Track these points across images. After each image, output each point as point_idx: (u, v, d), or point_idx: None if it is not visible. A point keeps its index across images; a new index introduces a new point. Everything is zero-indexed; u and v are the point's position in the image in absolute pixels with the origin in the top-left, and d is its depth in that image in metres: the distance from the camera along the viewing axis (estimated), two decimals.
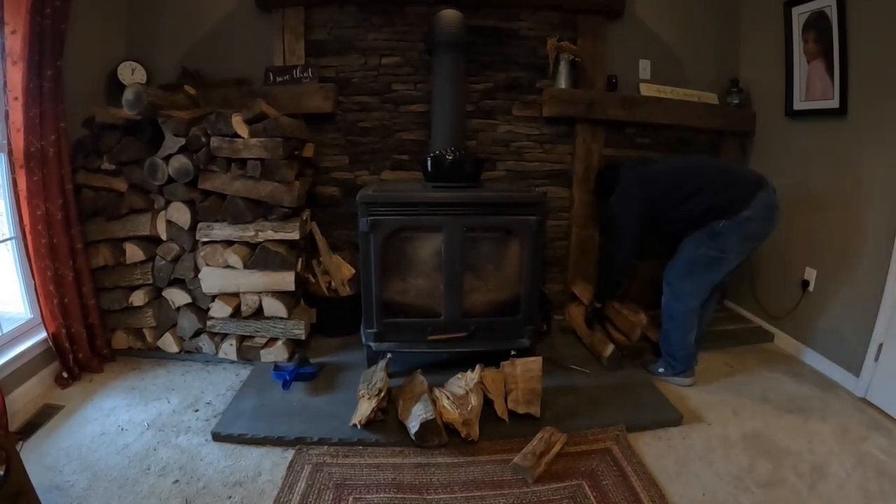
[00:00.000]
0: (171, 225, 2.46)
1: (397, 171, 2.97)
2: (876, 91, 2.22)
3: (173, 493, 1.66)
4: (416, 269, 2.41)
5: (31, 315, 2.32)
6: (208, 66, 2.83)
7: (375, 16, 2.82)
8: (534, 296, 2.35)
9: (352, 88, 2.88)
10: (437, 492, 1.67)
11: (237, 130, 2.33)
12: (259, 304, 2.45)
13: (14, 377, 2.09)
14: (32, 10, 2.00)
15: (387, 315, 2.30)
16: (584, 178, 2.98)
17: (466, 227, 2.22)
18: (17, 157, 2.07)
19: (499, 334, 2.34)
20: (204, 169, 2.37)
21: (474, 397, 1.99)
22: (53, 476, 1.71)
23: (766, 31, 2.83)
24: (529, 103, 2.94)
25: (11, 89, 2.04)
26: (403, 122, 2.92)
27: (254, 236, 2.40)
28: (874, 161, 2.24)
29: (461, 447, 1.88)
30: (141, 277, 2.48)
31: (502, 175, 3.01)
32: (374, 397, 1.98)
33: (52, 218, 2.20)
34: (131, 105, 2.23)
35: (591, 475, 1.76)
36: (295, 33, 2.80)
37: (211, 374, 2.43)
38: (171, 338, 2.52)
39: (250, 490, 1.68)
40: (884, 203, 2.19)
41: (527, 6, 2.84)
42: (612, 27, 2.93)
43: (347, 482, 1.71)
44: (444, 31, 2.54)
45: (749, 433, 2.00)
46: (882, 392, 2.18)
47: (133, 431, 1.98)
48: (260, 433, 1.93)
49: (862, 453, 1.90)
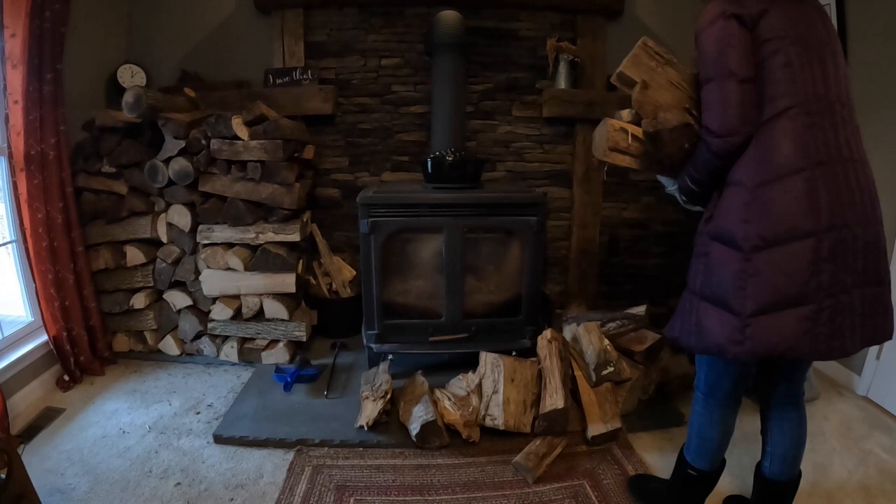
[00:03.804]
0: (171, 227, 2.46)
1: (397, 172, 2.97)
2: (876, 91, 2.21)
3: (175, 496, 1.66)
4: (417, 271, 2.41)
5: (32, 318, 2.32)
6: (208, 69, 2.84)
7: (375, 17, 2.82)
8: (534, 296, 2.34)
9: (351, 90, 2.88)
10: (438, 493, 1.67)
11: (237, 133, 2.33)
12: (260, 306, 2.45)
13: (15, 380, 2.09)
14: (32, 13, 2.01)
15: (388, 316, 2.31)
16: (585, 178, 2.98)
17: (467, 228, 2.22)
18: (17, 161, 2.08)
19: (500, 335, 2.33)
20: (204, 171, 2.38)
21: (475, 398, 1.99)
22: (55, 479, 1.71)
23: None
24: (529, 104, 2.94)
25: (11, 93, 2.04)
26: (403, 124, 2.93)
27: (254, 238, 2.40)
28: (874, 161, 2.22)
29: (462, 448, 1.88)
30: (142, 280, 2.48)
31: (502, 176, 3.01)
32: (379, 399, 1.98)
33: (52, 221, 2.20)
34: (131, 108, 2.23)
35: (592, 475, 1.76)
36: (294, 35, 2.81)
37: (212, 377, 2.43)
38: (173, 340, 2.53)
39: (252, 492, 1.68)
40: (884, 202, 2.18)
41: (526, 7, 2.84)
42: (611, 27, 2.93)
43: (348, 484, 1.71)
44: (444, 33, 2.54)
45: (750, 432, 2.00)
46: (884, 390, 2.18)
47: (134, 434, 1.98)
48: (261, 435, 1.93)
49: (864, 452, 1.90)
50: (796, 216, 1.12)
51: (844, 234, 1.12)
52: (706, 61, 1.21)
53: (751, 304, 1.14)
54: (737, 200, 1.19)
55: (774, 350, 1.13)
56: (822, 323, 1.11)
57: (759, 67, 1.18)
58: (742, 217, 1.17)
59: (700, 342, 1.25)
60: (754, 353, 1.15)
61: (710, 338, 1.21)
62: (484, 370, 2.07)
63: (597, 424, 1.92)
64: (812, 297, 1.11)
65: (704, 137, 1.23)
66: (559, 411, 1.85)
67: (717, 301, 1.21)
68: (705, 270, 1.26)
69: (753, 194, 1.16)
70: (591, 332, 2.14)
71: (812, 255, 1.11)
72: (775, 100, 1.16)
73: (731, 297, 1.17)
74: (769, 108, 1.17)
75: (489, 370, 2.05)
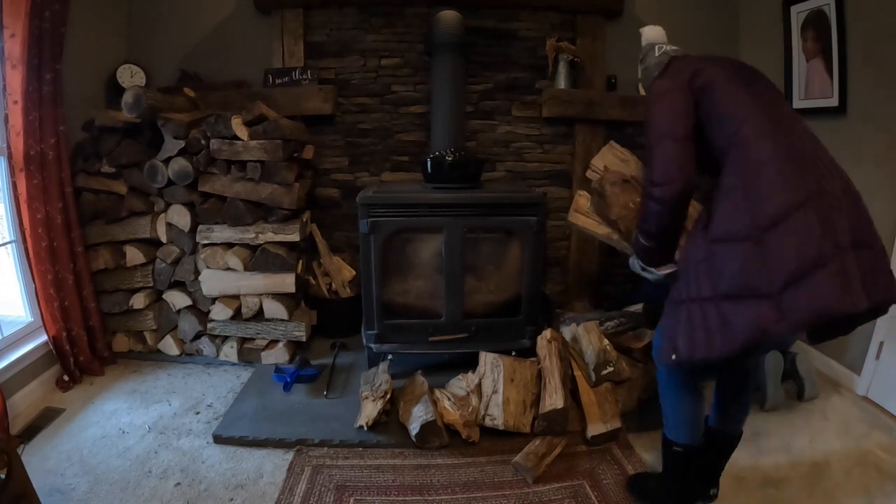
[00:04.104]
0: (171, 227, 2.46)
1: (397, 172, 2.97)
2: (875, 89, 2.21)
3: (175, 496, 1.66)
4: (417, 271, 2.41)
5: (31, 318, 2.32)
6: (207, 69, 2.83)
7: (374, 17, 2.82)
8: (534, 296, 2.34)
9: (351, 90, 2.88)
10: (437, 493, 1.67)
11: (237, 133, 2.33)
12: (260, 306, 2.45)
13: (15, 380, 2.09)
14: (31, 13, 2.01)
15: (387, 316, 2.30)
16: (585, 178, 2.97)
17: (467, 227, 2.22)
18: (16, 161, 2.08)
19: (499, 335, 2.33)
20: (204, 171, 2.38)
21: (475, 398, 1.99)
22: (55, 479, 1.71)
23: (765, 30, 2.83)
24: (529, 104, 2.94)
25: (11, 93, 2.04)
26: (403, 124, 2.92)
27: (254, 238, 2.40)
28: (874, 160, 2.24)
29: (462, 448, 1.89)
30: (141, 280, 2.48)
31: (502, 176, 3.00)
32: (379, 399, 1.98)
33: (52, 221, 2.20)
34: (131, 108, 2.23)
35: (591, 475, 1.76)
36: (294, 35, 2.81)
37: (212, 377, 2.43)
38: (172, 340, 2.52)
39: (252, 492, 1.68)
40: (884, 202, 2.19)
41: (526, 7, 2.84)
42: (611, 27, 2.93)
43: (348, 484, 1.71)
44: (444, 32, 2.54)
45: (750, 432, 2.00)
46: (883, 390, 2.18)
47: (134, 434, 1.98)
48: (261, 435, 1.93)
49: (863, 452, 1.90)
50: (787, 192, 1.21)
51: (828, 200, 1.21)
52: (649, 128, 1.43)
53: (778, 280, 1.17)
54: (732, 199, 1.28)
55: (815, 313, 1.14)
56: (852, 276, 1.14)
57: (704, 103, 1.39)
58: (742, 210, 1.25)
59: (731, 341, 1.23)
60: (798, 323, 1.16)
61: (745, 330, 1.21)
62: (483, 370, 2.07)
63: (596, 424, 1.93)
64: (831, 256, 1.15)
65: (647, 189, 1.41)
66: (559, 411, 1.85)
67: (739, 293, 1.23)
68: (712, 273, 1.28)
69: (745, 190, 1.26)
70: (590, 332, 2.14)
71: (815, 216, 1.18)
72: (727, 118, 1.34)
73: (753, 281, 1.20)
74: (729, 126, 1.33)
75: (489, 370, 2.05)
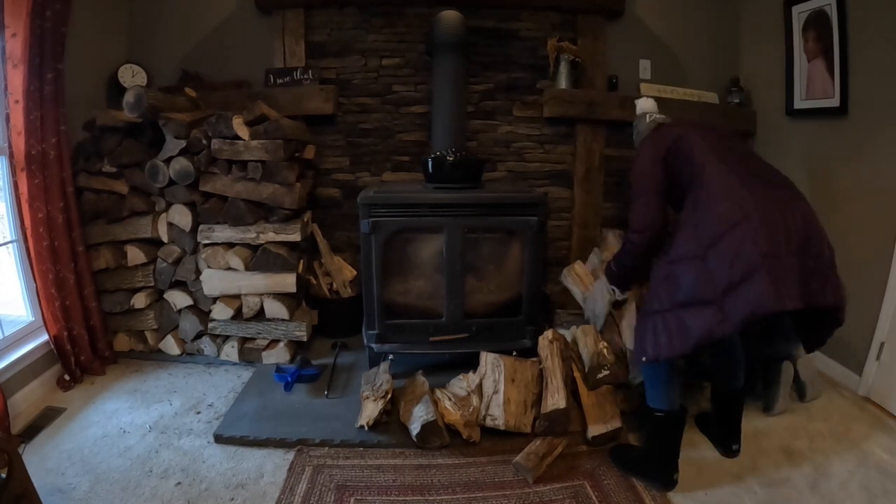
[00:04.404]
0: (172, 227, 2.46)
1: (398, 172, 2.97)
2: (877, 90, 2.21)
3: (176, 496, 1.66)
4: (418, 271, 2.41)
5: (32, 318, 2.32)
6: (208, 69, 2.84)
7: (375, 17, 2.82)
8: (535, 296, 2.35)
9: (352, 90, 2.88)
10: (438, 493, 1.67)
11: (238, 132, 2.33)
12: (261, 306, 2.45)
13: (16, 380, 2.10)
14: (33, 13, 2.01)
15: (388, 316, 2.31)
16: (585, 178, 2.98)
17: (467, 227, 2.22)
18: (18, 160, 2.08)
19: (500, 335, 2.33)
20: (205, 171, 2.38)
21: (476, 398, 1.99)
22: (55, 479, 1.71)
23: (767, 30, 2.83)
24: (530, 104, 2.94)
25: (12, 92, 2.04)
26: (404, 124, 2.92)
27: (255, 238, 2.40)
28: (875, 160, 2.24)
29: (462, 448, 1.88)
30: (142, 280, 2.48)
31: (503, 176, 3.00)
32: (379, 399, 1.98)
33: (53, 221, 2.21)
34: (132, 107, 2.23)
35: (592, 475, 1.76)
36: (295, 35, 2.81)
37: (213, 376, 2.43)
38: (173, 340, 2.53)
39: (252, 492, 1.68)
40: (885, 202, 2.19)
41: (527, 7, 2.84)
42: (611, 27, 2.93)
43: (349, 484, 1.71)
44: (444, 32, 2.54)
45: (750, 432, 2.00)
46: (884, 391, 2.17)
47: (135, 434, 1.98)
48: (262, 435, 1.93)
49: (864, 452, 1.89)
50: (727, 216, 1.48)
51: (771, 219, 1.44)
52: (633, 180, 1.83)
53: (720, 287, 1.44)
54: (686, 228, 1.60)
55: (750, 313, 1.38)
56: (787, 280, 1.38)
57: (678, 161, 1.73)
58: (693, 236, 1.56)
59: (687, 340, 1.49)
60: (737, 323, 1.41)
61: (697, 331, 1.47)
62: (484, 370, 2.07)
63: (597, 424, 1.92)
64: (763, 264, 1.38)
65: (627, 234, 1.85)
66: (561, 411, 1.85)
67: (691, 302, 1.51)
68: (671, 287, 1.57)
69: (695, 221, 1.58)
70: (587, 335, 2.14)
71: (751, 230, 1.42)
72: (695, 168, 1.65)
73: (702, 291, 1.48)
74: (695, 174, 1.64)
75: (490, 370, 2.05)
